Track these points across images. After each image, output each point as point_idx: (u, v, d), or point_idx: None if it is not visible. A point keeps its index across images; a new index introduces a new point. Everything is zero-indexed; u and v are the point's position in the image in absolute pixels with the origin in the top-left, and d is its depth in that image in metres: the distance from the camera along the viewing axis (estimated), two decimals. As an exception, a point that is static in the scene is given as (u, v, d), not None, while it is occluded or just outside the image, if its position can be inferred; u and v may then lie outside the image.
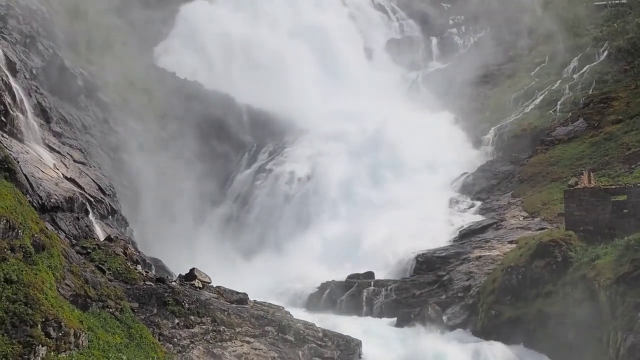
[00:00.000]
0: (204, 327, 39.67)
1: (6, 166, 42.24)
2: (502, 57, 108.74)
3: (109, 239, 49.62)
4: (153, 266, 55.15)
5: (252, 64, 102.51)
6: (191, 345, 38.32)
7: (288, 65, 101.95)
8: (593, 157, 71.74)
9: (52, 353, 28.36)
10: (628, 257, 40.59)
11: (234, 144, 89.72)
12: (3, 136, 48.61)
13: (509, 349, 45.17)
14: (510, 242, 59.95)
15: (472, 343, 47.61)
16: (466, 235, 66.31)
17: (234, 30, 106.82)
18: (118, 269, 42.81)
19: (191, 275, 46.96)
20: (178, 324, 39.00)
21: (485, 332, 48.66)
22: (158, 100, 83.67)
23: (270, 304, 47.40)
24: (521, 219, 66.62)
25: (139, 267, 46.62)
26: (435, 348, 46.32)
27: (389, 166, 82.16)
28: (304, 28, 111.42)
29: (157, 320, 38.46)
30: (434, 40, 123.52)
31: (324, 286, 60.55)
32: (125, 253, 46.80)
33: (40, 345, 27.82)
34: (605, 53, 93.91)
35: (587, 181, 51.72)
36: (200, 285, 45.73)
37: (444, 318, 52.98)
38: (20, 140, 51.69)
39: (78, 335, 30.27)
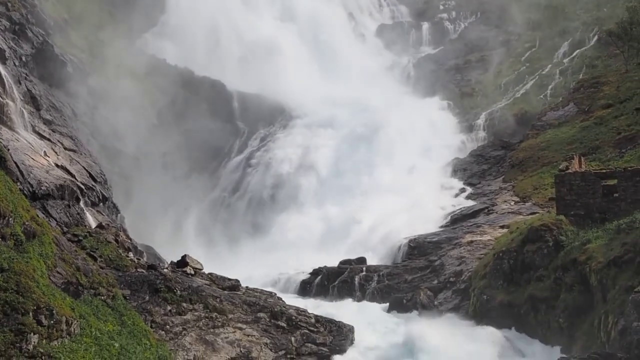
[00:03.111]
0: (196, 313, 39.62)
1: (-4, 154, 42.02)
2: (493, 42, 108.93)
3: (100, 226, 49.48)
4: (145, 253, 55.04)
5: (242, 50, 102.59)
6: (184, 332, 38.28)
7: (279, 51, 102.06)
8: (584, 142, 71.90)
9: (44, 341, 28.26)
10: (619, 240, 40.70)
11: (225, 130, 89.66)
12: (-7, 124, 48.44)
13: (500, 333, 45.25)
14: (502, 227, 60.06)
15: (464, 327, 47.72)
16: (458, 220, 66.42)
17: (224, 16, 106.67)
18: (110, 256, 42.69)
19: (183, 262, 46.88)
20: (170, 310, 38.92)
21: (477, 317, 48.75)
22: (149, 86, 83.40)
23: (262, 290, 47.40)
24: (512, 203, 66.78)
25: (131, 255, 46.52)
26: (428, 333, 46.38)
27: (380, 152, 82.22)
28: (295, 13, 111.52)
29: (149, 307, 38.38)
30: (425, 25, 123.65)
31: (316, 272, 60.55)
32: (116, 240, 46.66)
33: (32, 333, 27.71)
34: (596, 38, 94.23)
35: (578, 165, 51.75)
36: (192, 272, 45.66)
37: (436, 303, 53.03)
38: (10, 128, 51.50)
39: (70, 323, 30.16)
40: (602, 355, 33.65)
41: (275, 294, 47.83)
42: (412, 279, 57.39)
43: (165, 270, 44.34)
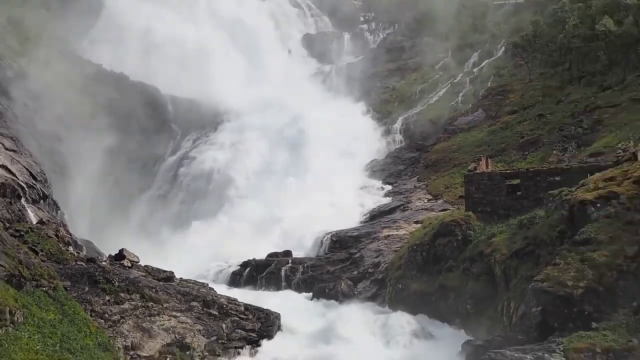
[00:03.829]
0: (133, 303, 39.78)
1: (-59, 154, 41.67)
2: (409, 52, 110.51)
3: (41, 222, 49.23)
4: (84, 247, 54.83)
5: (176, 56, 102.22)
6: (121, 320, 38.46)
7: (211, 57, 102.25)
8: (491, 145, 73.59)
9: (-11, 329, 28.33)
10: (521, 235, 41.85)
11: (160, 132, 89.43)
12: (-63, 125, 47.92)
13: (414, 319, 46.06)
14: (416, 222, 61.22)
15: (381, 314, 48.58)
16: (376, 216, 67.54)
17: (158, 23, 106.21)
18: (51, 250, 42.54)
19: (120, 255, 46.90)
20: (109, 300, 39.01)
21: (393, 304, 49.66)
22: (86, 90, 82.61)
23: (195, 281, 47.62)
24: (426, 201, 68.06)
25: (71, 249, 46.38)
26: (348, 319, 47.13)
27: (305, 153, 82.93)
28: (225, 22, 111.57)
29: (88, 297, 38.41)
30: (347, 35, 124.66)
31: (245, 264, 61.03)
32: (57, 235, 46.49)
33: (-22, 322, 27.77)
34: (503, 49, 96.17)
35: (485, 166, 52.98)
36: (129, 265, 45.72)
37: (356, 292, 53.97)
38: (-47, 130, 50.95)
39: (13, 312, 30.20)
40: (505, 337, 34.74)
41: (208, 284, 48.11)
42: (334, 270, 58.25)
43: (104, 263, 44.35)
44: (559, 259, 34.21)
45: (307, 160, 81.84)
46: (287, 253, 62.74)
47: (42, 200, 56.18)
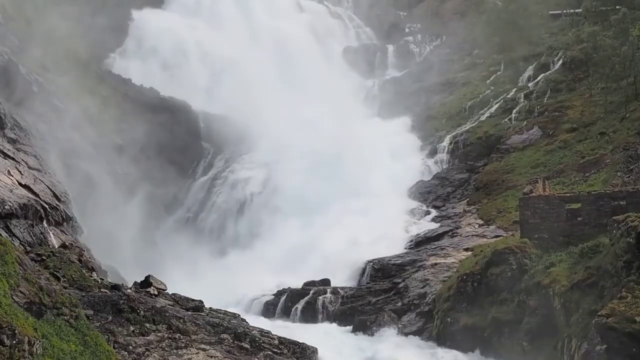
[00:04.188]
0: (159, 334, 39.41)
1: (-41, 172, 41.73)
2: (458, 66, 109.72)
3: (63, 246, 49.21)
4: (108, 273, 54.79)
5: (209, 70, 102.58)
6: (146, 352, 38.05)
7: (245, 72, 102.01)
8: (548, 165, 72.61)
9: (5, 361, 28.07)
10: (582, 264, 41.10)
11: (191, 150, 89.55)
12: (-44, 142, 48.09)
13: (464, 356, 45.48)
14: (466, 250, 60.50)
15: (427, 350, 47.88)
16: (422, 242, 66.81)
17: (189, 36, 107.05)
18: (73, 276, 42.44)
19: (146, 282, 46.68)
20: (133, 331, 38.70)
21: (441, 339, 48.98)
22: (114, 106, 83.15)
23: (226, 311, 47.27)
24: (476, 226, 67.24)
25: (94, 275, 46.27)
26: (391, 355, 46.48)
27: (345, 174, 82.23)
28: (262, 35, 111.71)
29: (112, 327, 38.15)
30: (390, 48, 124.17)
31: (280, 293, 60.63)
32: (80, 260, 46.44)
33: (-6, 354, 27.52)
34: (560, 62, 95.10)
35: (542, 189, 52.22)
36: (156, 293, 45.48)
37: (400, 325, 53.28)
38: (-26, 147, 51.15)
39: (32, 343, 29.93)
40: (565, 378, 33.98)
41: (239, 315, 47.75)
42: (376, 300, 57.58)
43: (129, 290, 44.12)
44: (626, 292, 33.43)
45: (347, 181, 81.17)
46: (325, 282, 62.18)
47: (65, 223, 56.20)
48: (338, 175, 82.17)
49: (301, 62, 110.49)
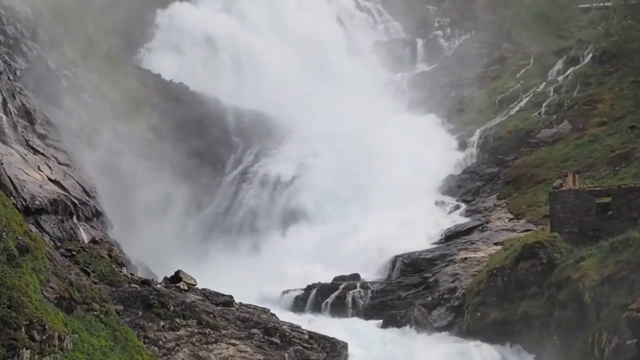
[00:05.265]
0: (189, 329, 39.49)
1: (-10, 168, 41.94)
2: (487, 60, 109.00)
3: (93, 241, 49.42)
4: (138, 268, 54.98)
5: (238, 65, 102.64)
6: (176, 347, 38.14)
7: (274, 66, 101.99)
8: (578, 159, 72.02)
9: (36, 356, 28.14)
10: (612, 258, 40.77)
11: (220, 145, 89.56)
12: (-14, 138, 48.33)
13: (494, 350, 45.26)
14: (496, 244, 60.08)
15: (458, 344, 47.67)
16: (452, 237, 66.43)
17: (219, 31, 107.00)
18: (103, 271, 42.63)
19: (176, 277, 46.80)
20: (163, 326, 38.81)
21: (471, 334, 48.73)
22: (143, 102, 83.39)
23: (255, 306, 47.31)
24: (506, 220, 66.80)
25: (124, 270, 46.42)
26: (422, 349, 46.30)
27: (375, 168, 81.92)
28: (290, 29, 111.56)
29: (142, 322, 38.28)
30: (420, 42, 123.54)
31: (309, 288, 60.41)
32: (110, 255, 46.59)
33: (24, 349, 27.59)
34: (590, 55, 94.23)
35: (572, 183, 51.85)
36: (186, 288, 45.60)
37: (430, 319, 53.03)
38: (4, 142, 51.44)
39: (62, 338, 30.05)
40: (596, 373, 33.71)
41: (269, 309, 47.76)
42: (406, 295, 57.30)
43: (159, 285, 44.27)
44: (657, 286, 33.04)
45: (377, 175, 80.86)
46: (355, 276, 61.95)
47: (95, 218, 56.47)
48: (367, 170, 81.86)
49: (330, 56, 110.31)
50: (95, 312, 35.01)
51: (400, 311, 53.97)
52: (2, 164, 45.53)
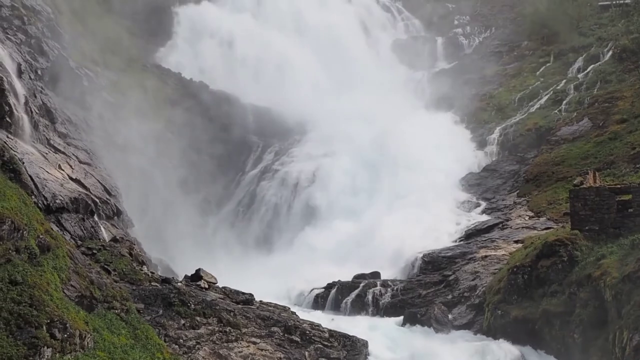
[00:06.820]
0: (210, 327, 39.52)
1: (11, 167, 42.03)
2: (507, 57, 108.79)
3: (114, 239, 49.53)
4: (159, 266, 55.06)
5: (257, 63, 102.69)
6: (197, 346, 38.17)
7: (293, 65, 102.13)
8: (598, 157, 71.60)
9: (57, 354, 28.24)
10: (634, 256, 40.51)
11: (240, 144, 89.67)
12: (8, 137, 48.47)
13: (515, 348, 45.09)
14: (516, 242, 59.78)
15: (478, 342, 47.51)
16: (472, 235, 66.15)
17: (238, 30, 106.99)
18: (124, 269, 42.72)
19: (197, 275, 46.84)
20: (184, 324, 38.86)
21: (492, 332, 48.58)
22: (164, 100, 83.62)
23: (276, 304, 47.29)
24: (527, 218, 66.46)
25: (145, 268, 46.49)
26: (442, 348, 46.16)
27: (394, 166, 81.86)
28: (309, 27, 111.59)
29: (162, 321, 38.35)
30: (439, 40, 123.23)
31: (330, 286, 60.34)
32: (130, 254, 46.71)
33: (46, 347, 27.69)
34: (610, 53, 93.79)
35: (593, 181, 51.55)
36: (206, 286, 45.61)
37: (450, 317, 52.87)
38: (26, 141, 51.59)
39: (83, 336, 30.14)
40: (618, 371, 33.47)
41: (289, 308, 47.73)
42: (426, 293, 57.14)
43: (179, 284, 44.30)
44: (679, 284, 32.77)
45: (396, 174, 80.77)
46: (375, 274, 61.82)
47: (115, 217, 56.58)
48: (387, 168, 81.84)
49: (349, 54, 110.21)
50: (116, 311, 35.13)
51: (420, 309, 53.84)
52: (23, 163, 45.67)
